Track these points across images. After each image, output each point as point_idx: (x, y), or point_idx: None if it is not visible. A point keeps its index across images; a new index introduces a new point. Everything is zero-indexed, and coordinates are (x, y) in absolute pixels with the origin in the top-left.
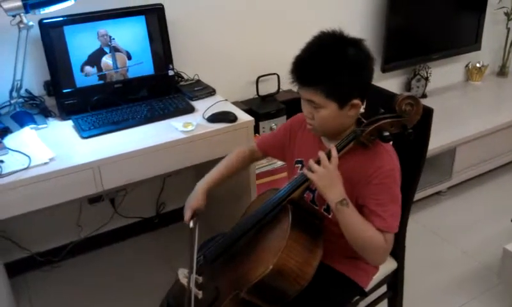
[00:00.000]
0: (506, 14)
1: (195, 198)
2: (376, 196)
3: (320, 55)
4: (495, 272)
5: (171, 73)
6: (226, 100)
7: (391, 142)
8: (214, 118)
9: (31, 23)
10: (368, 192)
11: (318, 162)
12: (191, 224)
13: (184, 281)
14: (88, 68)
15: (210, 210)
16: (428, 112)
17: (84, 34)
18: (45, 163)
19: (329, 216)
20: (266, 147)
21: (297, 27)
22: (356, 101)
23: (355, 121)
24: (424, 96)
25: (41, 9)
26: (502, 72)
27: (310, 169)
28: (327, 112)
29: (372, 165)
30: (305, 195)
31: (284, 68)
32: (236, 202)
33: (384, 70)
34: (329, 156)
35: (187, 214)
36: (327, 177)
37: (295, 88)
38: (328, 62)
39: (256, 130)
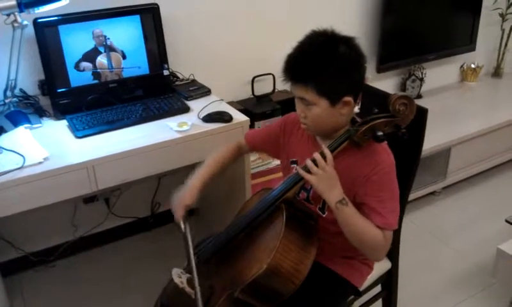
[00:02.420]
0: (501, 15)
1: (189, 194)
2: (376, 192)
3: (311, 52)
4: (489, 272)
5: (166, 72)
6: (221, 99)
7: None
8: (209, 118)
9: (25, 22)
10: (368, 189)
11: (314, 163)
12: (182, 226)
13: (177, 280)
14: (84, 64)
15: (205, 210)
16: (423, 113)
17: (79, 34)
18: (40, 162)
19: (324, 215)
20: (257, 142)
21: (292, 27)
22: (347, 98)
23: (349, 121)
24: (419, 96)
25: (35, 9)
26: (496, 73)
27: (308, 171)
28: (319, 109)
29: (369, 162)
30: (300, 194)
31: (279, 68)
32: (230, 202)
33: (379, 71)
34: (323, 156)
35: (179, 212)
36: (325, 178)
37: (289, 88)
38: (318, 58)
39: None
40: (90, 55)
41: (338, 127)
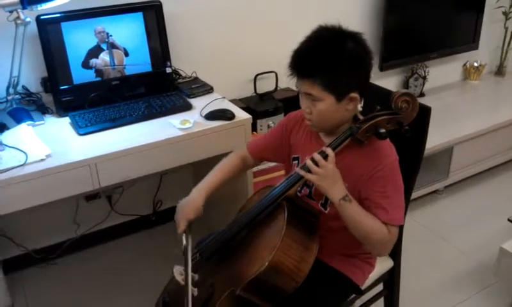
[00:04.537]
0: (504, 13)
1: (194, 207)
2: (380, 188)
3: (319, 47)
4: (491, 270)
5: (168, 70)
6: (223, 97)
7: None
8: (212, 116)
9: (28, 19)
10: (372, 184)
11: (315, 162)
12: (184, 241)
13: (179, 278)
14: (93, 61)
15: (206, 207)
16: (426, 111)
17: (82, 31)
18: (42, 160)
19: (326, 211)
20: (261, 151)
21: (294, 26)
22: (354, 94)
23: (352, 118)
24: (422, 95)
25: (38, 6)
26: (499, 71)
27: (309, 171)
28: (325, 105)
29: (373, 159)
30: (302, 190)
31: (282, 66)
32: (232, 199)
33: (382, 69)
34: (325, 155)
35: (183, 225)
36: (327, 177)
37: (293, 84)
38: (326, 53)
39: (254, 128)
40: (94, 53)
41: (342, 123)
